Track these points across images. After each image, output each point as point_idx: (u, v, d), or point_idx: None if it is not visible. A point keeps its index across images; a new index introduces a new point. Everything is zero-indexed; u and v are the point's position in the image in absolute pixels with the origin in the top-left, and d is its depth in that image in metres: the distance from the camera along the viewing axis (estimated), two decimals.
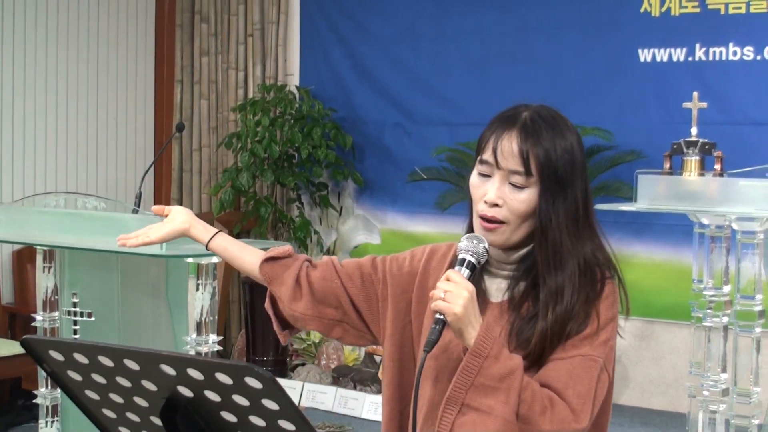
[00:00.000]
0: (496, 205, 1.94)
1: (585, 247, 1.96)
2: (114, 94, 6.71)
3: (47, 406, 4.00)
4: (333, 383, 5.89)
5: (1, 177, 6.05)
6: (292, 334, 2.26)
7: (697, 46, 5.41)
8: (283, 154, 6.33)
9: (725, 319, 4.08)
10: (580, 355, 1.91)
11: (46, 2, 6.25)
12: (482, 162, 1.97)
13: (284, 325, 2.22)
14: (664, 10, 5.49)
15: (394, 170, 6.33)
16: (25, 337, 1.62)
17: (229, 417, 1.50)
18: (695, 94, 4.33)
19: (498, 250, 1.99)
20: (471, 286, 1.86)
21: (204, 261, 3.55)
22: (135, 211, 3.91)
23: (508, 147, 1.93)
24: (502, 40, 5.97)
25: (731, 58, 5.33)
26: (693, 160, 4.15)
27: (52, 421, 4.00)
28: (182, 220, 2.22)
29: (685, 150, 4.16)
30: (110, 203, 3.88)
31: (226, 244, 2.23)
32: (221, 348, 3.69)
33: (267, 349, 6.14)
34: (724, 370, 4.07)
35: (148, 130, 6.98)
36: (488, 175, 1.96)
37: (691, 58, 5.43)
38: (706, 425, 4.07)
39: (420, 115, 6.27)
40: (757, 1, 5.24)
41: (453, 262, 1.97)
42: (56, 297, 3.98)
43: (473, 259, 1.91)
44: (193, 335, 3.57)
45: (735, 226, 3.99)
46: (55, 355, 1.60)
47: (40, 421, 4.01)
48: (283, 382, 5.64)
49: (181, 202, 6.98)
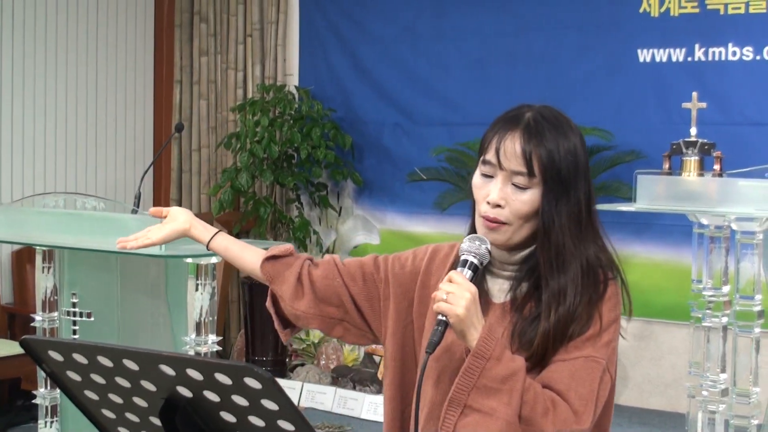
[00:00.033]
0: (498, 206, 1.93)
1: (588, 248, 1.96)
2: (113, 95, 6.70)
3: (46, 407, 3.99)
4: (332, 383, 5.88)
5: (0, 177, 6.04)
6: (294, 333, 2.25)
7: (697, 46, 5.41)
8: (283, 155, 6.32)
9: (724, 320, 4.08)
10: (583, 356, 1.91)
11: (45, 3, 6.24)
12: (485, 162, 1.96)
13: (285, 323, 2.22)
14: (663, 10, 5.49)
15: (394, 170, 6.32)
16: (24, 337, 1.62)
17: (229, 417, 1.50)
18: (694, 94, 4.33)
19: (500, 251, 1.98)
20: (473, 288, 1.86)
21: (203, 261, 3.55)
22: (134, 212, 3.91)
23: (511, 147, 1.92)
24: (502, 40, 5.96)
25: (730, 58, 5.32)
26: (692, 161, 4.15)
27: (52, 422, 3.99)
28: (182, 221, 2.22)
29: (685, 150, 4.15)
30: (109, 203, 3.88)
31: (227, 244, 2.23)
32: (220, 348, 3.68)
33: (266, 349, 6.14)
34: (724, 371, 4.06)
35: (147, 131, 6.97)
36: (491, 176, 1.95)
37: (690, 59, 5.43)
38: (705, 425, 4.06)
39: (419, 115, 6.26)
40: (757, 2, 5.23)
41: (455, 262, 1.96)
42: (55, 297, 3.98)
43: (476, 261, 1.91)
44: (193, 335, 3.57)
45: (734, 227, 3.99)
46: (55, 356, 1.60)
47: (40, 422, 4.01)
48: (282, 382, 5.64)
49: (181, 202, 6.98)
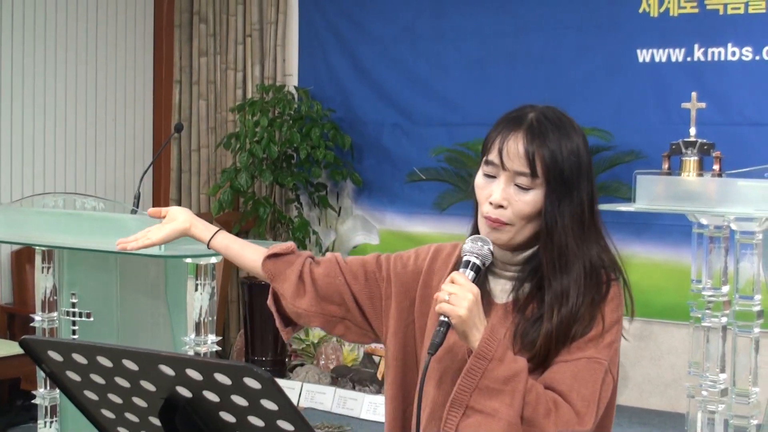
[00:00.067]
0: (501, 207, 1.93)
1: (591, 249, 1.95)
2: (112, 95, 6.70)
3: (46, 407, 3.99)
4: (332, 383, 5.88)
5: None
6: (295, 331, 2.25)
7: (696, 46, 5.40)
8: (282, 155, 6.32)
9: (724, 320, 4.07)
10: (585, 357, 1.90)
11: (45, 2, 6.24)
12: (488, 163, 1.96)
13: (287, 321, 2.21)
14: (662, 10, 5.49)
15: (393, 170, 6.32)
16: (23, 337, 1.62)
17: (228, 417, 1.50)
18: (694, 94, 4.32)
19: (503, 251, 1.98)
20: (476, 289, 1.85)
21: (203, 261, 3.54)
22: (134, 212, 3.90)
23: (514, 148, 1.91)
24: (501, 41, 5.96)
25: (730, 58, 5.32)
26: (692, 161, 4.14)
27: (51, 422, 3.99)
28: (183, 220, 2.21)
29: (684, 150, 4.15)
30: (109, 204, 3.88)
31: (228, 242, 2.22)
32: (220, 348, 3.68)
33: (266, 349, 6.14)
34: (723, 371, 4.06)
35: (147, 131, 6.97)
36: (493, 176, 1.95)
37: (689, 59, 5.43)
38: (704, 425, 4.06)
39: (419, 116, 6.26)
40: (756, 2, 5.23)
41: (457, 263, 1.96)
42: (55, 297, 3.98)
43: (478, 262, 1.91)
44: (192, 335, 3.57)
45: (734, 227, 3.99)
46: (54, 356, 1.59)
47: (39, 422, 4.01)
48: (281, 382, 5.63)
49: (180, 202, 6.98)
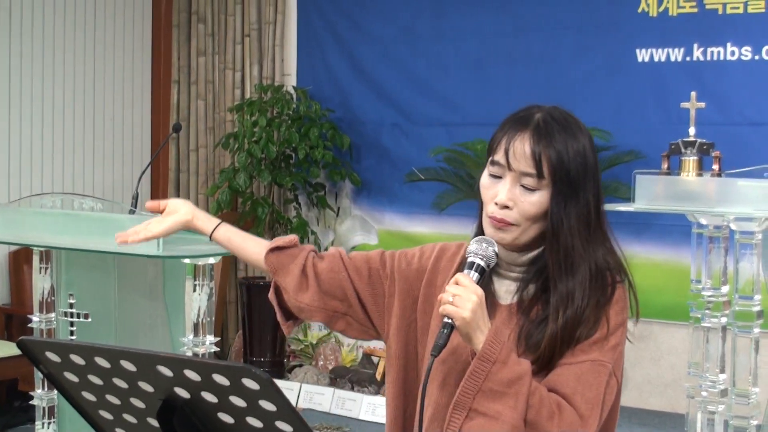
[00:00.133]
0: (506, 207, 1.92)
1: (597, 251, 1.94)
2: (111, 95, 6.69)
3: (44, 408, 3.99)
4: (330, 384, 5.88)
5: None
6: (296, 325, 2.23)
7: (695, 46, 5.40)
8: (280, 155, 6.31)
9: (724, 320, 4.07)
10: (589, 360, 1.90)
11: (43, 3, 6.23)
12: (493, 163, 1.95)
13: (288, 315, 2.20)
14: (661, 10, 5.48)
15: (392, 171, 6.31)
16: (21, 338, 1.61)
17: (226, 418, 1.49)
18: (693, 94, 4.32)
19: (508, 252, 1.97)
20: (480, 290, 1.84)
21: (201, 262, 3.54)
22: (132, 212, 3.89)
23: (521, 149, 1.91)
24: (501, 41, 5.96)
25: (729, 58, 5.32)
26: (691, 161, 4.14)
27: (49, 423, 3.99)
28: (185, 212, 2.19)
29: (683, 150, 4.15)
30: (107, 204, 3.88)
31: (230, 235, 2.21)
32: (218, 349, 3.68)
33: (264, 350, 6.13)
34: (723, 371, 4.06)
35: (145, 131, 6.96)
36: (499, 177, 1.94)
37: (689, 58, 5.43)
38: (704, 426, 4.06)
39: (418, 116, 6.25)
40: (755, 1, 5.23)
41: (462, 263, 1.95)
42: (53, 298, 3.97)
43: (482, 263, 1.90)
44: (190, 336, 3.57)
45: (733, 227, 3.98)
46: (52, 357, 1.59)
47: (37, 423, 4.00)
48: (280, 383, 5.63)
49: None
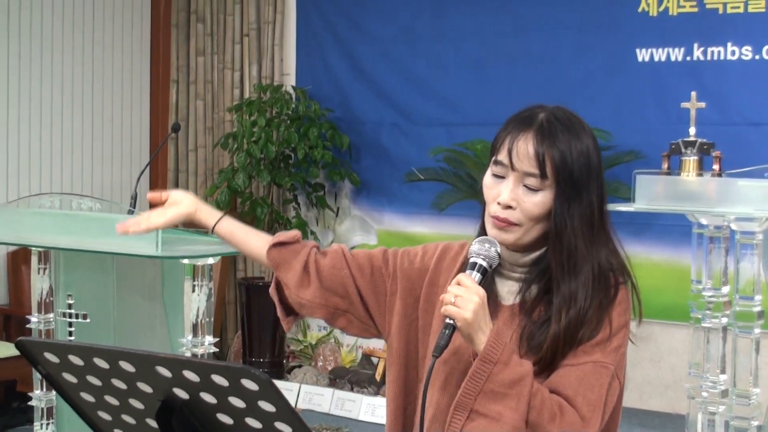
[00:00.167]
0: (509, 207, 1.92)
1: (600, 251, 1.94)
2: (109, 95, 6.68)
3: (42, 409, 3.99)
4: (330, 385, 5.87)
5: None
6: (296, 321, 2.23)
7: (695, 45, 5.39)
8: (280, 155, 6.31)
9: (724, 320, 4.07)
10: (592, 361, 1.89)
11: (41, 3, 6.22)
12: (497, 163, 1.94)
13: (288, 311, 2.19)
14: (662, 9, 5.48)
15: (391, 171, 6.30)
16: (19, 338, 1.61)
17: (225, 419, 1.49)
18: (693, 93, 4.32)
19: (510, 252, 1.96)
20: (482, 291, 1.84)
21: (200, 262, 3.53)
22: (130, 212, 3.89)
23: (524, 149, 1.90)
24: (500, 41, 5.95)
25: (729, 57, 5.31)
26: (691, 160, 4.13)
27: (47, 424, 3.98)
28: (187, 204, 2.16)
29: (684, 150, 4.14)
30: (105, 204, 3.88)
31: (233, 228, 2.19)
32: (217, 350, 3.68)
33: (263, 350, 6.12)
34: (723, 371, 4.05)
35: (144, 131, 6.96)
36: (502, 176, 1.94)
37: (689, 58, 5.42)
38: (705, 427, 4.05)
39: (417, 116, 6.25)
40: (755, 1, 5.22)
41: (464, 263, 1.95)
42: (51, 298, 3.97)
43: (485, 263, 1.89)
44: (189, 337, 3.56)
45: (734, 227, 3.98)
46: (50, 357, 1.58)
47: (35, 424, 4.00)
48: (279, 383, 5.62)
49: None
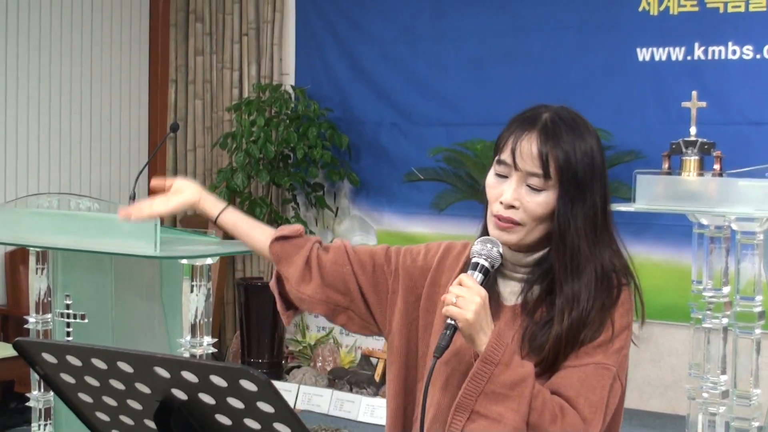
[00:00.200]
0: (512, 207, 1.91)
1: (603, 252, 1.93)
2: (108, 94, 6.68)
3: (40, 409, 3.98)
4: (329, 386, 5.87)
5: None
6: (296, 315, 2.22)
7: (696, 45, 5.39)
8: (279, 155, 6.30)
9: (725, 321, 4.06)
10: (593, 363, 1.89)
11: (39, 3, 6.21)
12: (500, 162, 1.94)
13: (288, 305, 2.18)
14: (662, 9, 5.47)
15: (391, 170, 6.30)
16: (17, 339, 1.61)
17: (224, 420, 1.48)
18: (694, 93, 4.31)
19: (512, 252, 1.96)
20: (483, 292, 1.84)
21: (198, 262, 3.53)
22: None
23: (528, 148, 1.89)
24: (500, 40, 5.95)
25: (730, 57, 5.31)
26: (692, 160, 4.13)
27: (45, 424, 3.98)
28: (191, 193, 2.14)
29: (684, 150, 4.14)
30: (104, 204, 3.88)
31: (236, 220, 2.18)
32: (216, 350, 3.67)
33: (262, 351, 6.12)
34: (724, 372, 4.04)
35: (142, 130, 6.95)
36: (505, 176, 1.93)
37: (689, 58, 5.42)
38: (705, 427, 4.04)
39: (417, 115, 6.24)
40: (756, 0, 5.22)
41: (467, 263, 1.94)
42: (49, 299, 3.96)
43: (487, 264, 1.89)
44: (188, 337, 3.56)
45: (734, 227, 3.97)
46: (48, 358, 1.58)
47: (33, 425, 4.00)
48: (278, 384, 5.62)
49: None
